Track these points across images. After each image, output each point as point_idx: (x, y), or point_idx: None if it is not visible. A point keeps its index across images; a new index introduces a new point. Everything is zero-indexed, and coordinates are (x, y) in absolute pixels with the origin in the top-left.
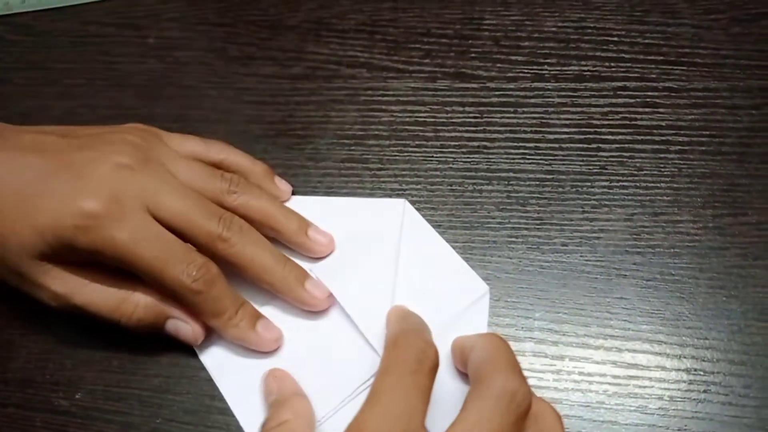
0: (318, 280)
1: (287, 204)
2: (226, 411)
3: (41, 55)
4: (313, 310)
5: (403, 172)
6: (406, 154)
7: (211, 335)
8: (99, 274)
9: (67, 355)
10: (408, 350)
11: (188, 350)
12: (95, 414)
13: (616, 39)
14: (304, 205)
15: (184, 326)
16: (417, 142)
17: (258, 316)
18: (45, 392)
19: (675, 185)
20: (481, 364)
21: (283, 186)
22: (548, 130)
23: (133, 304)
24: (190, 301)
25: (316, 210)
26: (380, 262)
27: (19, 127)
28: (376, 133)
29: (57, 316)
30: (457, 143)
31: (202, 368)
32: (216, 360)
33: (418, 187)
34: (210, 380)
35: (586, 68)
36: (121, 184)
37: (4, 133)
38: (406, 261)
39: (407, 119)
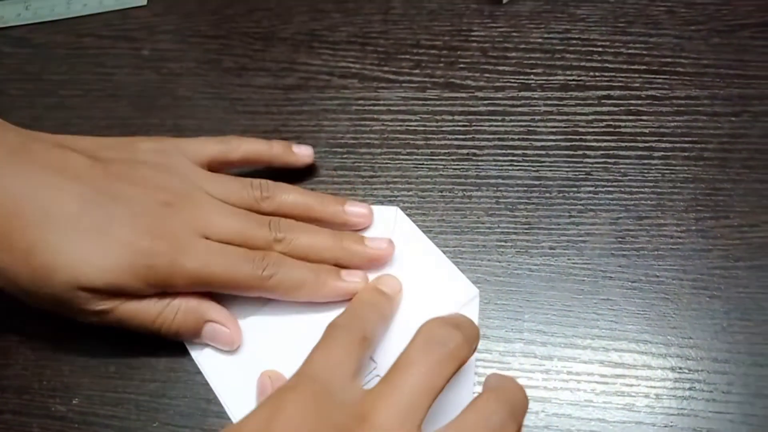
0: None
1: None
2: (223, 414)
3: (37, 67)
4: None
5: (395, 179)
6: (397, 161)
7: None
8: None
9: (64, 361)
10: (345, 319)
11: (184, 355)
12: (92, 419)
13: (600, 49)
14: None
15: (221, 329)
16: (408, 150)
17: (337, 269)
18: (42, 398)
19: (658, 190)
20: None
21: (304, 150)
22: (535, 137)
23: (173, 311)
24: (271, 288)
25: None
26: None
27: (39, 136)
28: (368, 141)
29: (54, 324)
30: (446, 151)
31: (198, 373)
32: (212, 364)
33: (410, 193)
34: (206, 384)
35: (571, 78)
36: (171, 219)
37: (28, 145)
38: (399, 265)
39: (398, 128)
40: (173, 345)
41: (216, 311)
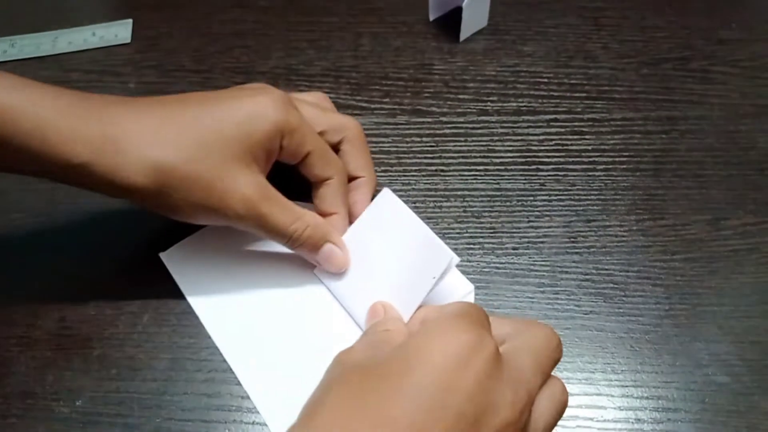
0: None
1: None
2: (224, 407)
3: None
4: None
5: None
6: None
7: (234, 333)
8: (278, 193)
9: (65, 367)
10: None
11: (184, 356)
12: (96, 418)
13: (546, 80)
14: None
15: (337, 251)
16: (383, 168)
17: None
18: (45, 401)
19: (603, 197)
20: (518, 325)
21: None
22: (494, 155)
23: (305, 223)
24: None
25: None
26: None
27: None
28: None
29: (54, 333)
30: (417, 168)
31: (198, 371)
32: (241, 358)
33: None
34: (207, 381)
35: (522, 104)
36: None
37: (145, 100)
38: (399, 253)
39: (373, 149)
40: (171, 348)
41: (336, 236)
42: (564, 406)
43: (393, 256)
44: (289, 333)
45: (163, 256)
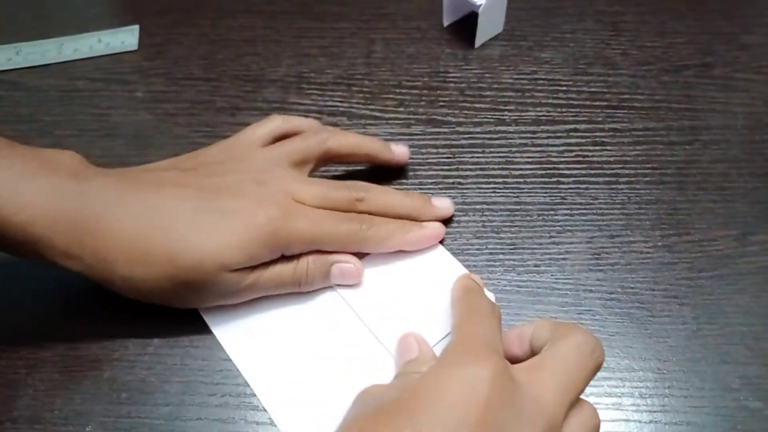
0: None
1: None
2: None
3: (30, 109)
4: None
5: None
6: None
7: (251, 349)
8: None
9: (74, 390)
10: (482, 300)
11: (197, 379)
12: None
13: (564, 88)
14: None
15: (347, 266)
16: (398, 181)
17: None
18: (54, 427)
19: (626, 211)
20: (556, 329)
21: (401, 149)
22: (513, 166)
23: (305, 264)
24: (366, 240)
25: None
26: (402, 280)
27: (128, 170)
28: (360, 173)
29: (61, 354)
30: (433, 180)
31: (212, 395)
32: (253, 366)
33: None
34: (221, 405)
35: (541, 113)
36: (269, 192)
37: (125, 175)
38: (422, 275)
39: None
40: (183, 370)
41: (337, 254)
42: (597, 430)
43: (424, 285)
44: (308, 347)
45: None
